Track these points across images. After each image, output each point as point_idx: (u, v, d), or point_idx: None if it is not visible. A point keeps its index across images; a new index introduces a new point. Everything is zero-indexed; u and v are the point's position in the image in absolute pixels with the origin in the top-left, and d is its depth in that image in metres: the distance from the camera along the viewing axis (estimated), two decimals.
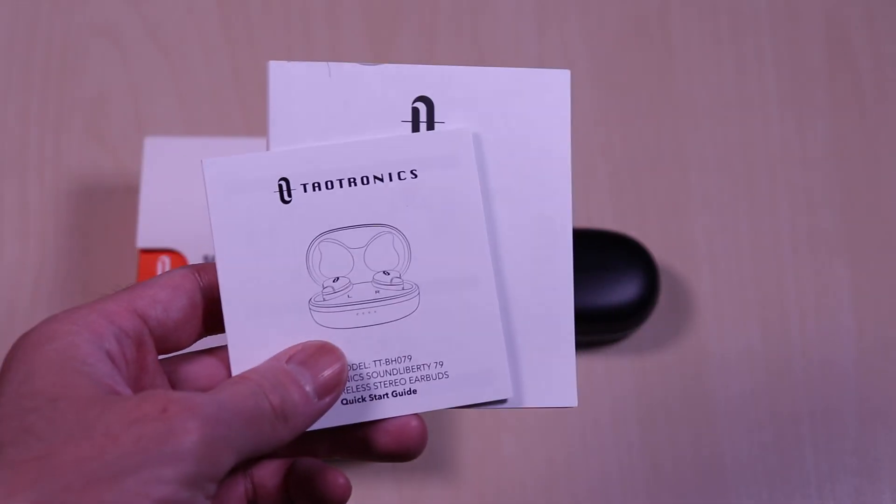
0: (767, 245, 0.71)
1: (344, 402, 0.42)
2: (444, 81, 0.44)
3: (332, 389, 0.41)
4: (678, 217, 0.71)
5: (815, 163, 0.72)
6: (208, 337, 0.43)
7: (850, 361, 0.68)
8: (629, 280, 0.67)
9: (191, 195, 0.63)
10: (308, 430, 0.41)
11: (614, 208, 0.71)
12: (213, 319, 0.42)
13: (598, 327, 0.67)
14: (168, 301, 0.41)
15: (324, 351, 0.42)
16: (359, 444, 0.43)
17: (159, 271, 0.64)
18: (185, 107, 0.73)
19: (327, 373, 0.41)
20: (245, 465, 0.42)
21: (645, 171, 0.72)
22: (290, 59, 0.43)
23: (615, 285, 0.66)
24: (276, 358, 0.41)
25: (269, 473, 0.42)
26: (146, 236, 0.65)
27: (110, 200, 0.71)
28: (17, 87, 0.73)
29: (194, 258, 0.64)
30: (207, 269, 0.42)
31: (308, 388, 0.40)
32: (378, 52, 0.74)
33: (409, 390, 0.43)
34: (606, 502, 0.66)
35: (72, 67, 0.73)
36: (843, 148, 0.73)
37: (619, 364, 0.68)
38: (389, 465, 0.65)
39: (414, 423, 0.43)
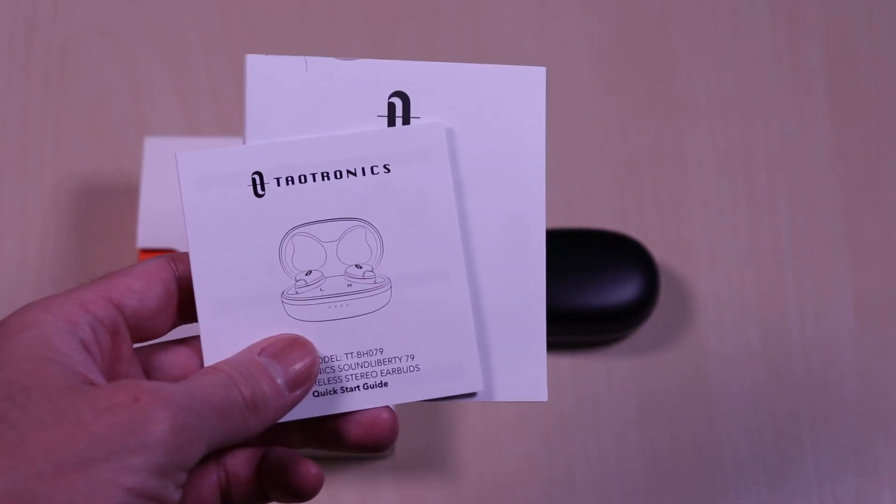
0: (767, 245, 0.71)
1: (315, 394, 0.43)
2: (421, 77, 0.44)
3: (303, 382, 0.41)
4: (678, 217, 0.71)
5: (815, 163, 0.72)
6: (184, 326, 0.44)
7: (850, 362, 0.68)
8: (629, 280, 0.66)
9: None
10: (279, 421, 0.41)
11: (614, 208, 0.71)
12: (188, 308, 0.43)
13: (598, 327, 0.67)
14: (143, 290, 0.41)
15: (295, 344, 0.42)
16: (331, 435, 0.43)
17: None
18: (185, 107, 0.73)
19: (298, 366, 0.41)
20: (218, 454, 0.42)
21: (645, 171, 0.72)
22: None
23: (615, 285, 0.66)
24: (247, 350, 0.42)
25: (241, 462, 0.42)
26: (146, 236, 0.65)
27: (110, 200, 0.71)
28: (17, 87, 0.73)
29: None
30: (183, 258, 0.43)
31: (279, 381, 0.41)
32: (378, 52, 0.74)
33: (381, 383, 0.43)
34: (606, 502, 0.66)
35: (72, 67, 0.73)
36: (843, 148, 0.73)
37: (619, 364, 0.68)
38: (390, 465, 0.65)
39: (385, 415, 0.43)
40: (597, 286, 0.66)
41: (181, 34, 0.74)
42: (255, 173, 0.43)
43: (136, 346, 0.42)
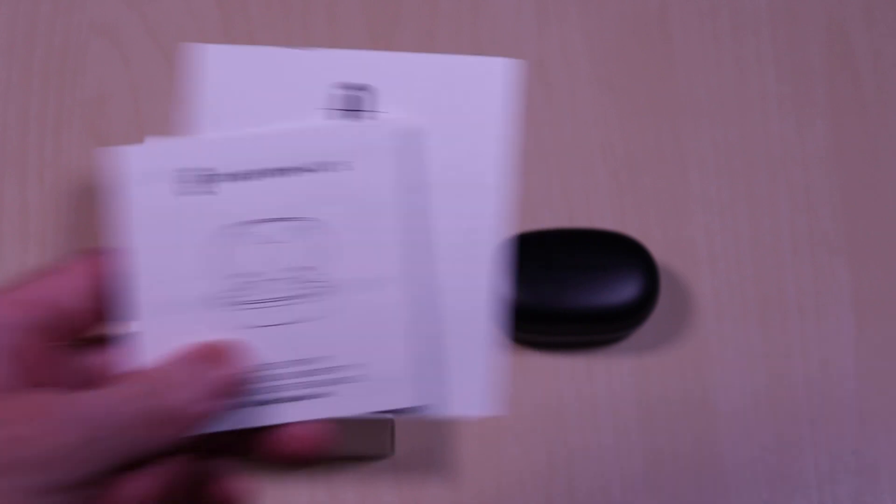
0: (767, 245, 0.71)
1: (246, 404, 0.40)
2: (382, 68, 0.41)
3: (229, 391, 0.39)
4: (678, 217, 0.71)
5: (815, 163, 0.72)
6: (113, 325, 0.41)
7: (850, 361, 0.68)
8: (629, 280, 0.66)
9: None
10: (209, 431, 0.39)
11: (614, 208, 0.71)
12: (117, 308, 0.40)
13: (598, 327, 0.67)
14: (69, 288, 0.39)
15: (225, 350, 0.40)
16: (263, 446, 0.41)
17: None
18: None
19: (226, 373, 0.39)
20: (146, 462, 0.39)
21: (645, 171, 0.72)
22: None
23: (615, 285, 0.66)
24: (174, 355, 0.39)
25: (168, 472, 0.40)
26: None
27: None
28: (17, 87, 0.73)
29: None
30: (114, 255, 0.40)
31: (204, 389, 0.38)
32: (377, 49, 0.74)
33: (319, 394, 0.41)
34: (606, 501, 0.66)
35: (72, 67, 0.73)
36: (843, 148, 0.73)
37: (619, 364, 0.68)
38: (390, 465, 0.65)
39: (318, 426, 0.41)
40: (597, 286, 0.66)
41: (181, 34, 0.74)
42: (196, 169, 0.40)
43: (58, 345, 0.40)
